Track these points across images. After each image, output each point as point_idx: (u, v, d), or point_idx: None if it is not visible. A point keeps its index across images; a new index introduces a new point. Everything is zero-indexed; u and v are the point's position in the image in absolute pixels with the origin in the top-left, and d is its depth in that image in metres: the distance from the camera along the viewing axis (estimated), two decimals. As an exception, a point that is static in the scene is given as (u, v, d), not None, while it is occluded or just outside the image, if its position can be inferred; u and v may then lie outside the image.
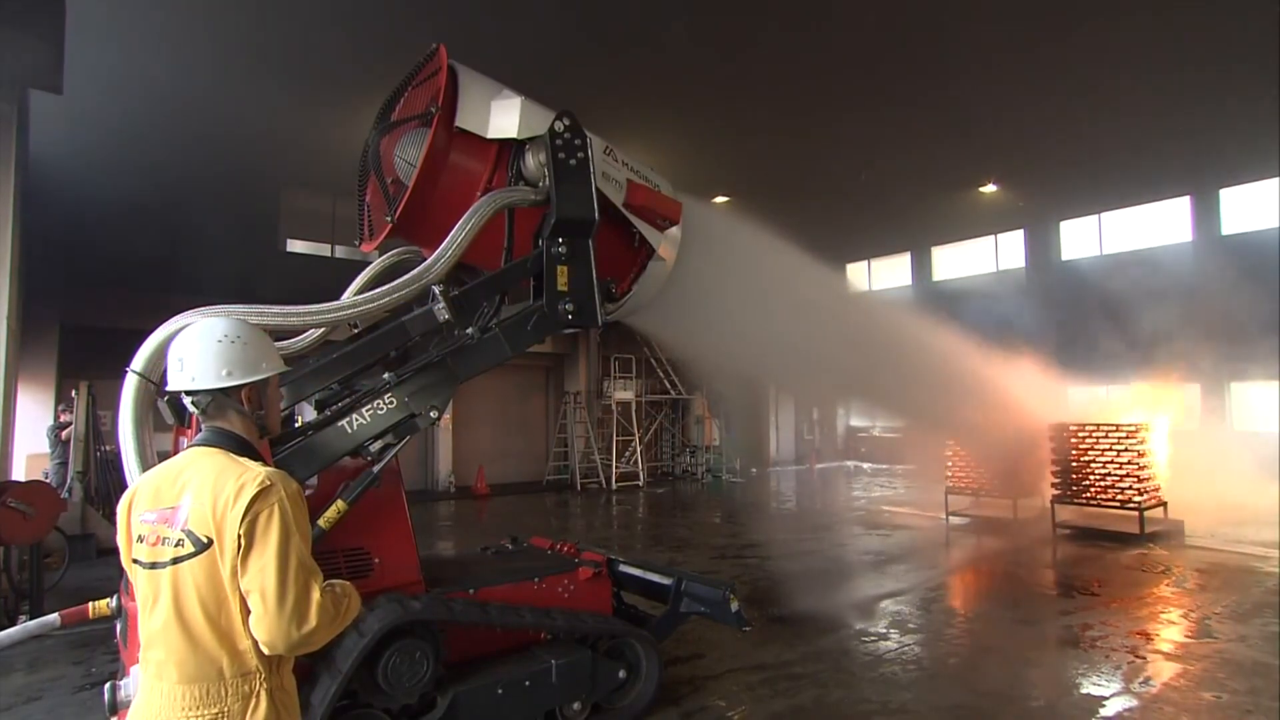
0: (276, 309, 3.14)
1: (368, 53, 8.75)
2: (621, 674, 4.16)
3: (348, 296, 3.92)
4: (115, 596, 3.22)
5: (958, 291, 18.53)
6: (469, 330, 3.54)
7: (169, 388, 1.94)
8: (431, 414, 3.47)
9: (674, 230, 4.40)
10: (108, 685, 2.35)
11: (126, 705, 2.29)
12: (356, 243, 4.22)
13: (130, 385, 3.08)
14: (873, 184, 14.19)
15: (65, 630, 3.63)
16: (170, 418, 2.94)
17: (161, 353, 3.06)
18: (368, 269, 4.29)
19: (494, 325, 3.68)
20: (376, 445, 3.40)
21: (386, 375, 3.49)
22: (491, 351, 3.63)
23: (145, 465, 3.00)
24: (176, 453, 2.24)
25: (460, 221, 3.49)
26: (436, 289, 3.43)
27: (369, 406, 3.35)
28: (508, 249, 3.85)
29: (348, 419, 3.32)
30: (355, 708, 3.34)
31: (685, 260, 4.50)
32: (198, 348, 1.89)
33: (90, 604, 3.17)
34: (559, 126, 3.78)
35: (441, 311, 3.41)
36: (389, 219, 3.76)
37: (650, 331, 5.91)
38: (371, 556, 3.59)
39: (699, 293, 4.72)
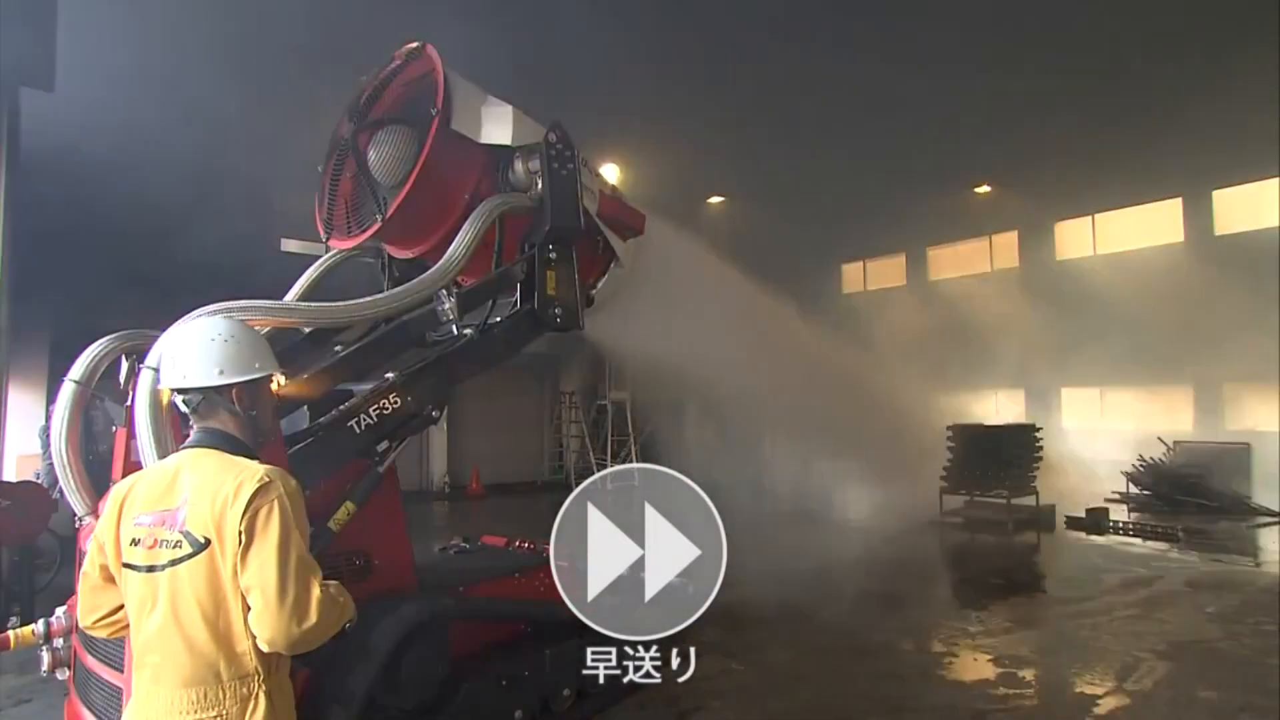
0: (304, 305, 3.29)
1: (366, 53, 8.70)
2: None
3: (293, 295, 4.03)
4: (43, 621, 3.00)
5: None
6: (467, 330, 3.57)
7: (161, 385, 1.93)
8: (433, 414, 3.51)
9: (630, 240, 4.58)
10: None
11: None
12: (325, 238, 4.18)
13: (146, 380, 3.07)
14: (870, 184, 14.18)
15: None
16: (119, 420, 2.90)
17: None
18: (312, 268, 4.24)
19: (492, 326, 3.75)
20: (381, 445, 3.41)
21: (390, 375, 3.48)
22: (490, 351, 3.72)
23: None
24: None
25: (467, 224, 3.62)
26: (444, 290, 3.49)
27: (374, 407, 3.34)
28: (498, 253, 3.91)
29: (355, 419, 3.29)
30: (371, 710, 3.32)
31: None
32: (190, 346, 1.88)
33: (11, 632, 2.97)
34: (552, 138, 3.92)
35: (448, 311, 3.48)
36: (379, 217, 3.77)
37: (601, 341, 5.93)
38: (371, 558, 3.57)
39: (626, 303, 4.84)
